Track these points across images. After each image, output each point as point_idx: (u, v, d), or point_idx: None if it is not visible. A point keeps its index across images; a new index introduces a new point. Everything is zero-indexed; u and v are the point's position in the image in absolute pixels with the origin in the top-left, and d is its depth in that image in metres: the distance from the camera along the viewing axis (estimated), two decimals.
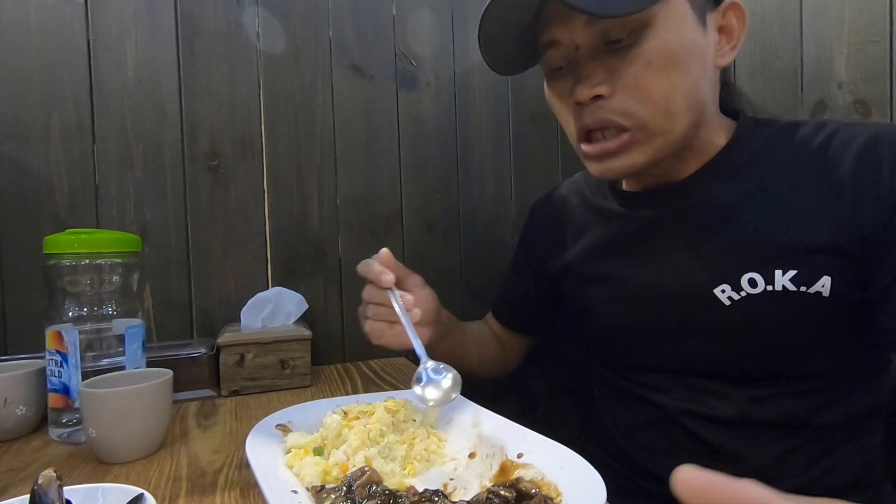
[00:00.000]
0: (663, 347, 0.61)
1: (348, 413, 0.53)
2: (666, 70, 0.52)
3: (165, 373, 0.59)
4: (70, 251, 0.62)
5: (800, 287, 0.52)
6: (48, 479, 0.37)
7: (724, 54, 0.57)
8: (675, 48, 0.52)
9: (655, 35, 0.52)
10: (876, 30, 0.74)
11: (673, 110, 0.53)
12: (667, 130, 0.54)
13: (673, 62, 0.52)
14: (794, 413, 0.55)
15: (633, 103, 0.53)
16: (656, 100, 0.53)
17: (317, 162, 0.96)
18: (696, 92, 0.54)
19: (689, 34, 0.53)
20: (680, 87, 0.53)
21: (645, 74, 0.52)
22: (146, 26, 0.86)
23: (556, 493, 0.40)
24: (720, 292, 0.55)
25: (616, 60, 0.53)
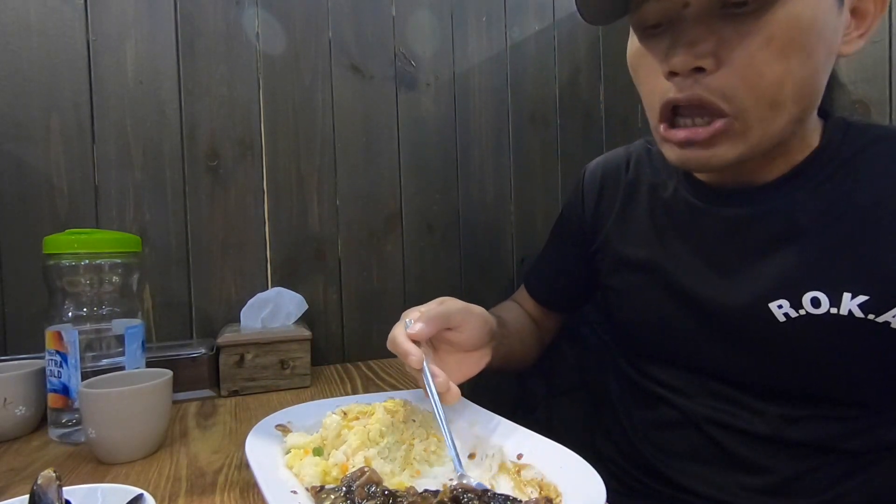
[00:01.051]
0: (698, 350, 0.57)
1: (348, 413, 0.53)
2: (787, 51, 0.43)
3: (165, 373, 0.59)
4: (70, 251, 0.62)
5: (868, 315, 0.47)
6: (48, 479, 0.37)
7: (851, 41, 0.48)
8: (805, 25, 0.43)
9: (787, 4, 0.43)
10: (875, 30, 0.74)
11: (781, 101, 0.45)
12: (767, 124, 0.46)
13: (798, 42, 0.43)
14: (827, 436, 0.52)
15: (739, 85, 0.44)
16: (767, 85, 0.44)
17: (316, 162, 0.96)
18: (811, 83, 0.46)
19: (825, 11, 0.44)
20: (797, 73, 0.44)
21: (763, 52, 0.43)
22: (146, 27, 0.86)
23: (556, 493, 0.40)
24: (776, 307, 0.50)
25: (730, 29, 0.44)
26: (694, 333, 0.57)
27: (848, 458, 0.52)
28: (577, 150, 1.14)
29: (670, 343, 0.60)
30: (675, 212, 0.59)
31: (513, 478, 0.44)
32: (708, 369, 0.57)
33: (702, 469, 0.57)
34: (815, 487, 0.52)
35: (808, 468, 0.52)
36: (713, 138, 0.47)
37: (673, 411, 0.59)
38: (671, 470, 0.59)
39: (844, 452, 0.52)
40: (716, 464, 0.56)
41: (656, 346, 0.62)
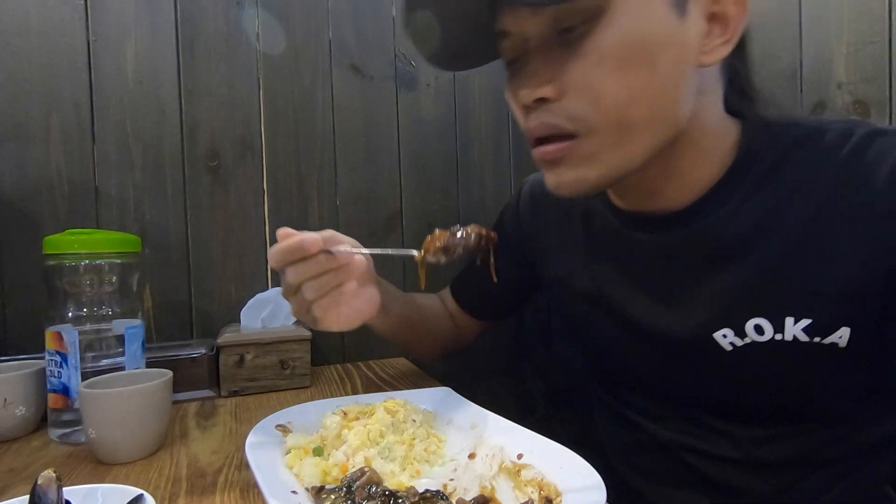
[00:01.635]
0: (655, 377, 0.56)
1: (348, 413, 0.53)
2: (622, 68, 0.42)
3: (165, 373, 0.59)
4: (70, 251, 0.62)
5: (813, 338, 0.45)
6: (48, 479, 0.37)
7: (712, 49, 0.44)
8: (635, 41, 0.42)
9: (611, 23, 0.42)
10: (875, 30, 0.74)
11: (630, 119, 0.43)
12: (621, 143, 0.44)
13: (632, 58, 0.42)
14: (802, 451, 0.51)
15: (582, 106, 0.43)
16: (609, 104, 0.43)
17: (316, 162, 0.96)
18: (663, 98, 0.44)
19: (658, 23, 0.42)
20: (640, 90, 0.43)
21: (596, 72, 0.42)
22: (146, 27, 0.86)
23: (556, 493, 0.40)
24: (721, 336, 0.49)
25: (567, 54, 0.43)
26: (648, 361, 0.56)
27: (827, 469, 0.51)
28: None
29: (629, 370, 0.59)
30: (608, 240, 0.58)
31: (513, 478, 0.44)
32: (671, 395, 0.56)
33: (680, 493, 0.56)
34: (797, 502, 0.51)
35: (787, 484, 0.51)
36: (568, 157, 0.46)
37: (645, 436, 0.58)
38: (649, 492, 0.58)
39: (822, 463, 0.51)
40: (694, 487, 0.55)
41: (617, 372, 0.62)
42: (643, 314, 0.54)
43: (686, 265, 0.51)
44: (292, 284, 0.53)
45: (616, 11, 0.42)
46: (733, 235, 0.48)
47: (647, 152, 0.46)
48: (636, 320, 0.55)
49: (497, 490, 0.43)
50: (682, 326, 0.51)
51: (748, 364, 0.49)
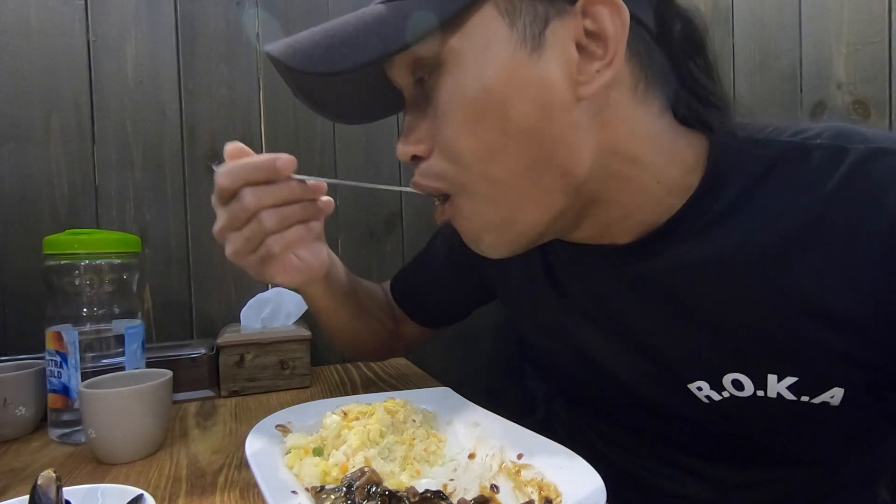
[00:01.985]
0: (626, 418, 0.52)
1: (348, 413, 0.53)
2: (471, 122, 0.37)
3: (165, 373, 0.59)
4: (70, 252, 0.62)
5: (800, 397, 0.39)
6: (48, 479, 0.37)
7: (589, 77, 0.36)
8: (473, 92, 0.36)
9: (450, 75, 0.37)
10: (874, 31, 0.74)
11: (496, 176, 0.38)
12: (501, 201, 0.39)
13: (477, 112, 0.36)
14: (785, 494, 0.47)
15: (445, 163, 0.39)
16: (468, 162, 0.38)
17: (317, 162, 0.96)
18: (539, 149, 0.37)
19: (502, 67, 0.36)
20: (497, 144, 0.37)
21: (449, 128, 0.38)
22: (146, 27, 0.86)
23: (556, 493, 0.40)
24: (696, 389, 0.43)
25: (430, 108, 0.39)
26: (619, 401, 0.51)
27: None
28: None
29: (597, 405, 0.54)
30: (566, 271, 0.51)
31: (513, 478, 0.44)
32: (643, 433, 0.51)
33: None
34: None
35: None
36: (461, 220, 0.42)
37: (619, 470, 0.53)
38: None
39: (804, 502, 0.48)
40: None
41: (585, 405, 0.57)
42: (608, 358, 0.48)
43: (648, 306, 0.44)
44: (248, 209, 0.43)
45: (452, 62, 0.37)
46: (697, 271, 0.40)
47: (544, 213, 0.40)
48: (601, 363, 0.49)
49: (497, 490, 0.43)
50: (653, 374, 0.45)
51: (728, 417, 0.43)
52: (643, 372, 0.46)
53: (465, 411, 0.57)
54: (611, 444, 0.55)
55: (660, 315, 0.43)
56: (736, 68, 0.93)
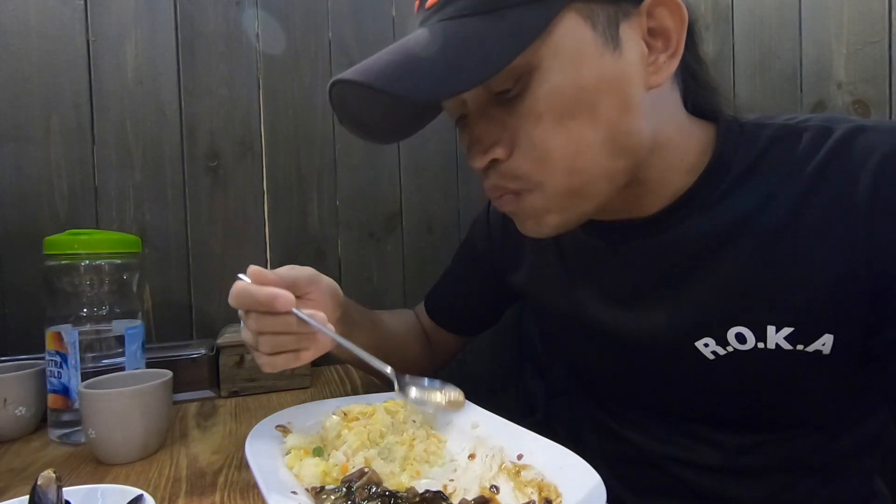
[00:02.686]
0: (637, 389, 0.55)
1: (348, 414, 0.53)
2: (563, 121, 0.41)
3: (165, 374, 0.59)
4: (70, 252, 0.62)
5: (796, 346, 0.44)
6: (48, 479, 0.37)
7: (658, 68, 0.42)
8: (570, 92, 0.40)
9: (544, 80, 0.40)
10: (875, 31, 0.74)
11: (581, 168, 0.42)
12: (580, 190, 0.44)
13: (571, 109, 0.41)
14: (787, 458, 0.50)
15: (529, 165, 0.43)
16: (558, 157, 0.42)
17: (316, 163, 0.96)
18: (618, 136, 0.42)
19: (592, 67, 0.40)
20: (587, 137, 0.41)
21: (539, 130, 0.41)
22: (146, 27, 0.86)
23: (556, 494, 0.40)
24: (703, 345, 0.48)
25: (507, 115, 0.43)
26: (630, 374, 0.54)
27: (812, 476, 0.50)
28: None
29: (611, 383, 0.58)
30: (581, 254, 0.56)
31: (513, 478, 0.44)
32: (655, 405, 0.55)
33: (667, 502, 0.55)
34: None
35: (772, 491, 0.50)
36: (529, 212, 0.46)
37: (631, 447, 0.57)
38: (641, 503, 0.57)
39: (807, 470, 0.50)
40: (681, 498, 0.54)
41: (599, 385, 0.61)
42: (621, 325, 0.52)
43: (661, 273, 0.50)
44: (251, 329, 0.51)
45: (545, 68, 0.40)
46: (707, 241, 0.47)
47: (608, 190, 0.45)
48: (613, 332, 0.53)
49: (497, 491, 0.43)
50: (662, 336, 0.50)
51: (732, 372, 0.47)
52: (654, 335, 0.50)
53: (465, 411, 0.57)
54: (626, 423, 0.58)
55: (671, 280, 0.49)
56: (736, 68, 0.93)
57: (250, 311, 0.51)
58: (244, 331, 0.53)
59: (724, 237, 0.46)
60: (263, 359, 0.51)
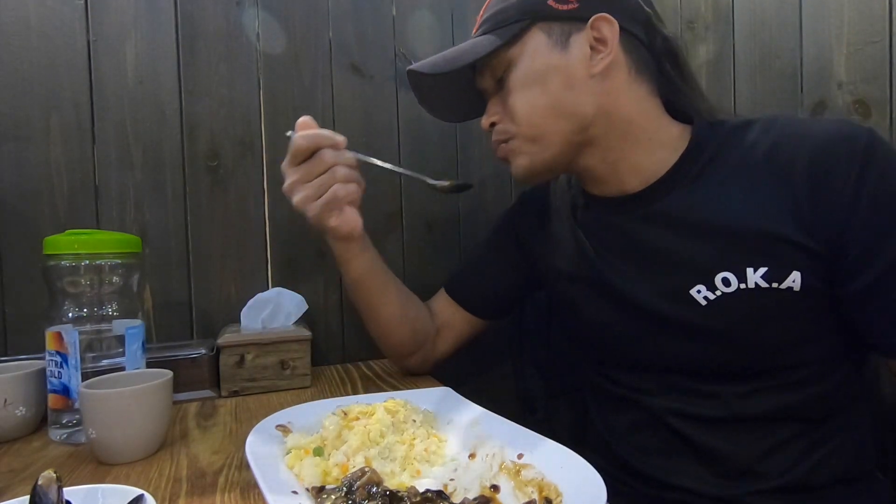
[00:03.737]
0: (645, 347, 0.62)
1: (348, 414, 0.53)
2: (525, 91, 0.61)
3: (165, 373, 0.59)
4: (70, 252, 0.62)
5: (771, 283, 0.53)
6: (48, 479, 0.37)
7: (598, 63, 0.60)
8: (530, 73, 0.61)
9: (516, 68, 0.62)
10: (875, 30, 0.74)
11: (536, 122, 0.61)
12: (536, 138, 0.62)
13: (529, 83, 0.61)
14: (780, 407, 0.56)
15: (509, 122, 0.64)
16: (521, 115, 0.62)
17: None
18: (562, 103, 0.60)
19: (543, 59, 0.60)
20: (538, 101, 0.61)
21: (513, 98, 0.62)
22: (146, 27, 0.86)
23: (556, 493, 0.40)
24: (696, 292, 0.57)
25: (503, 93, 0.64)
26: (635, 332, 0.63)
27: (809, 430, 0.56)
28: None
29: (618, 345, 0.65)
30: (591, 225, 0.68)
31: (513, 478, 0.44)
32: (659, 364, 0.62)
33: (679, 464, 0.60)
34: (783, 465, 0.56)
35: (771, 446, 0.57)
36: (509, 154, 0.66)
37: (640, 411, 0.64)
38: (650, 468, 0.62)
39: (803, 422, 0.56)
40: (688, 456, 0.59)
41: (608, 349, 0.67)
42: (627, 284, 0.63)
43: (658, 238, 0.61)
44: (326, 162, 0.62)
45: (518, 61, 0.62)
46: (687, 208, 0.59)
47: (561, 140, 0.62)
48: (623, 292, 0.63)
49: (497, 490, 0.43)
50: (664, 289, 0.60)
51: (722, 315, 0.56)
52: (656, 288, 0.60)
53: (465, 411, 0.57)
54: (632, 387, 0.65)
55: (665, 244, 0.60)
56: (736, 68, 0.93)
57: (323, 149, 0.62)
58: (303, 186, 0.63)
59: (702, 206, 0.58)
60: (339, 187, 0.62)
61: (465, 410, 0.57)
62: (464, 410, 0.57)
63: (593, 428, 0.72)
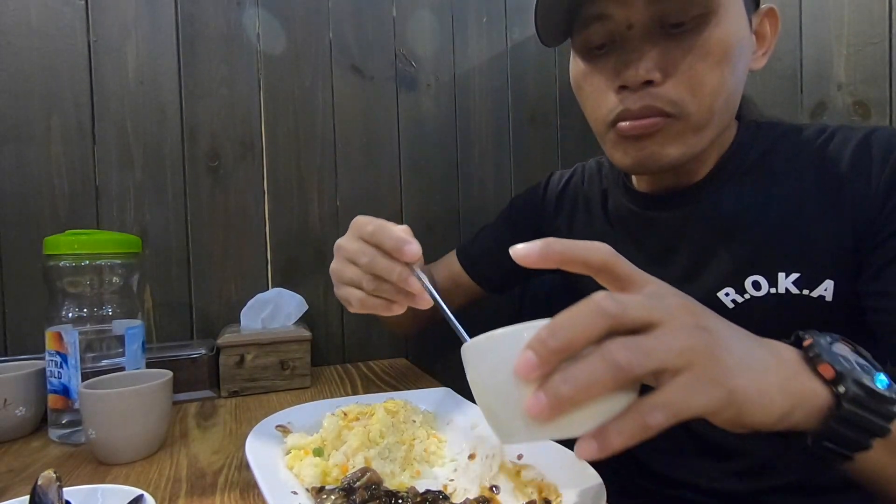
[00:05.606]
0: None
1: (348, 414, 0.53)
2: (721, 63, 0.50)
3: (165, 374, 0.59)
4: (70, 252, 0.62)
5: (802, 290, 0.51)
6: (48, 479, 0.37)
7: (757, 59, 0.56)
8: (733, 41, 0.50)
9: (718, 25, 0.49)
10: (875, 31, 0.74)
11: (717, 106, 0.51)
12: (707, 125, 0.52)
13: (728, 56, 0.50)
14: None
15: (683, 93, 0.50)
16: (706, 93, 0.50)
17: (317, 163, 0.96)
18: (737, 92, 0.53)
19: (744, 31, 0.52)
20: (729, 83, 0.51)
21: (702, 65, 0.49)
22: (147, 27, 0.87)
23: (556, 493, 0.40)
24: (724, 295, 0.55)
25: (673, 45, 0.50)
26: None
27: None
28: (577, 150, 1.14)
29: None
30: (623, 220, 0.65)
31: (513, 478, 0.44)
32: None
33: (687, 460, 0.59)
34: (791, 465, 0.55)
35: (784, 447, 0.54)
36: (658, 132, 0.52)
37: None
38: (660, 465, 0.61)
39: None
40: (699, 453, 0.58)
41: None
42: None
43: (693, 238, 0.58)
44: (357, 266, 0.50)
45: (721, 16, 0.49)
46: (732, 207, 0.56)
47: (717, 135, 0.54)
48: None
49: (497, 491, 0.43)
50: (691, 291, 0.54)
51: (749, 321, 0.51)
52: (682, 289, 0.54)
53: (465, 411, 0.57)
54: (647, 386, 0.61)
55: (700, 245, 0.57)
56: None
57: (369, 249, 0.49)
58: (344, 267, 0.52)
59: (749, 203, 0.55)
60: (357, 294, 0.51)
61: (464, 411, 0.57)
62: (464, 411, 0.57)
63: None
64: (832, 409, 0.33)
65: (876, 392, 0.33)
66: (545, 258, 0.38)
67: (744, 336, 0.37)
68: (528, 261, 0.38)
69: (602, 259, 0.39)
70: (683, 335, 0.31)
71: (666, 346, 0.30)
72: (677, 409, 0.30)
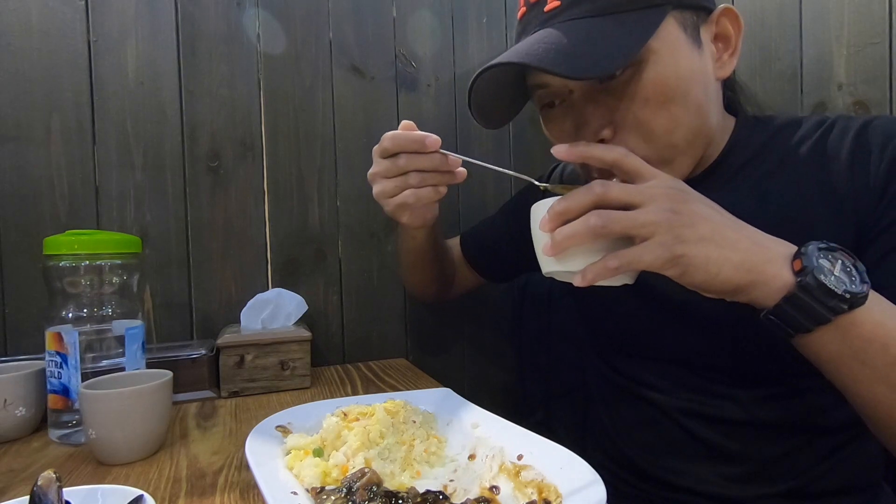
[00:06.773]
0: (662, 340, 0.60)
1: (348, 414, 0.53)
2: (667, 103, 0.50)
3: (165, 374, 0.59)
4: (70, 252, 0.62)
5: None
6: (48, 480, 0.37)
7: (723, 64, 0.55)
8: (672, 80, 0.50)
9: (649, 69, 0.49)
10: (875, 31, 0.74)
11: (676, 142, 0.52)
12: (673, 159, 0.53)
13: (671, 95, 0.50)
14: (798, 413, 0.55)
15: (637, 141, 0.51)
16: (659, 135, 0.51)
17: (317, 163, 0.96)
18: (700, 117, 0.53)
19: (686, 60, 0.51)
20: (682, 117, 0.51)
21: (646, 111, 0.50)
22: (147, 28, 0.86)
23: (555, 494, 0.40)
24: None
25: (613, 100, 0.51)
26: (657, 323, 0.60)
27: (824, 438, 0.55)
28: None
29: (637, 335, 0.63)
30: None
31: (513, 478, 0.44)
32: (677, 360, 0.60)
33: (685, 464, 0.59)
34: (793, 470, 0.55)
35: (784, 451, 0.55)
36: None
37: (651, 408, 0.62)
38: (656, 468, 0.61)
39: (820, 430, 0.55)
40: (697, 457, 0.58)
41: (625, 338, 0.65)
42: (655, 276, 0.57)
43: None
44: (401, 167, 0.58)
45: (650, 60, 0.49)
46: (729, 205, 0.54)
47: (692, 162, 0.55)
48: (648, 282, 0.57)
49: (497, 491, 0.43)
50: None
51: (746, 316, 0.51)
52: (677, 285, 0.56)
53: (465, 412, 0.57)
54: (643, 382, 0.63)
55: None
56: (736, 70, 0.93)
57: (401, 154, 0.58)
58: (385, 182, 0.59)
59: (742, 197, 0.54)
60: (407, 193, 0.59)
61: (464, 411, 0.57)
62: (463, 411, 0.57)
63: (597, 424, 0.71)
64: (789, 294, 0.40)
65: (828, 288, 0.39)
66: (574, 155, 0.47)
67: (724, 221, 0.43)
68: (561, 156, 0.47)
69: (614, 157, 0.46)
70: (652, 213, 0.41)
71: (632, 218, 0.41)
72: (629, 260, 0.41)
